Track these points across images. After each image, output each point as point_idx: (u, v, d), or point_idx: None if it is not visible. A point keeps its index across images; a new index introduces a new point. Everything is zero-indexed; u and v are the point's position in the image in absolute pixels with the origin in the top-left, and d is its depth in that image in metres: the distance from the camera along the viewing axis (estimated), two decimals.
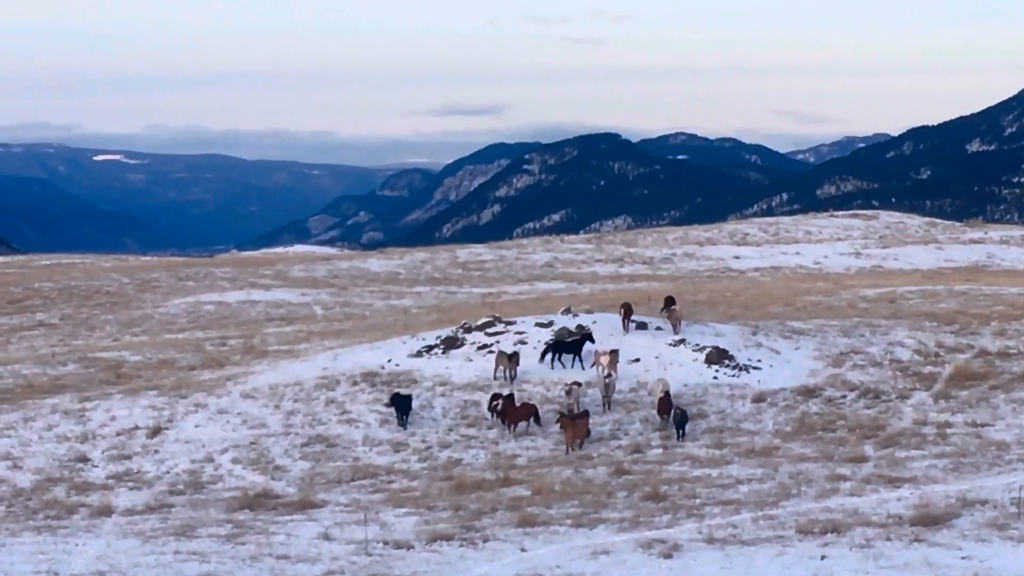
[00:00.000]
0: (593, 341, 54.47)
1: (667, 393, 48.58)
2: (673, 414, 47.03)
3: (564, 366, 53.83)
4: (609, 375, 50.63)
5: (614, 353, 52.05)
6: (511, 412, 47.95)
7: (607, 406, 50.15)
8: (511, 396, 49.06)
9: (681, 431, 46.58)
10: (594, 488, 41.18)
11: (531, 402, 49.39)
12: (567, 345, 54.34)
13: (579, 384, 50.20)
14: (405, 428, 49.01)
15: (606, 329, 56.54)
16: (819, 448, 45.20)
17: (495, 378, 53.02)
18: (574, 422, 46.25)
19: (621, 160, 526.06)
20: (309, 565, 33.29)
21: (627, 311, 57.56)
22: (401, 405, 49.58)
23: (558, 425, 46.64)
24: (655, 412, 48.62)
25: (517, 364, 53.18)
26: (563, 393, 49.99)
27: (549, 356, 54.15)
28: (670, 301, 59.26)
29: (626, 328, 56.96)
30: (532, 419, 48.12)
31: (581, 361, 53.93)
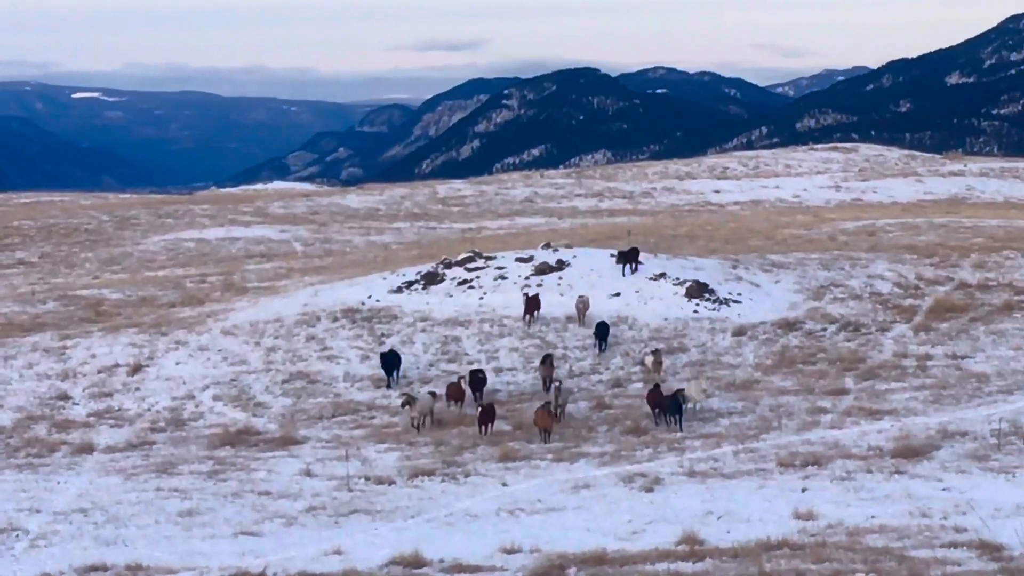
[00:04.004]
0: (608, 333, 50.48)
1: (657, 386, 42.07)
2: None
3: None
4: (559, 382, 43.33)
5: (657, 353, 47.24)
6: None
7: (558, 415, 41.63)
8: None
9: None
10: (575, 422, 41.25)
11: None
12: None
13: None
14: (391, 387, 46.69)
15: (586, 264, 56.47)
16: (800, 381, 45.28)
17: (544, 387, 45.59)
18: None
19: (600, 95, 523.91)
20: (291, 501, 33.33)
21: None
22: (391, 365, 47.41)
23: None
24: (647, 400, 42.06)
25: (554, 369, 46.56)
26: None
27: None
28: (633, 254, 56.39)
29: (525, 320, 52.56)
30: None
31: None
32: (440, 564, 26.82)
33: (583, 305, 51.97)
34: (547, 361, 46.00)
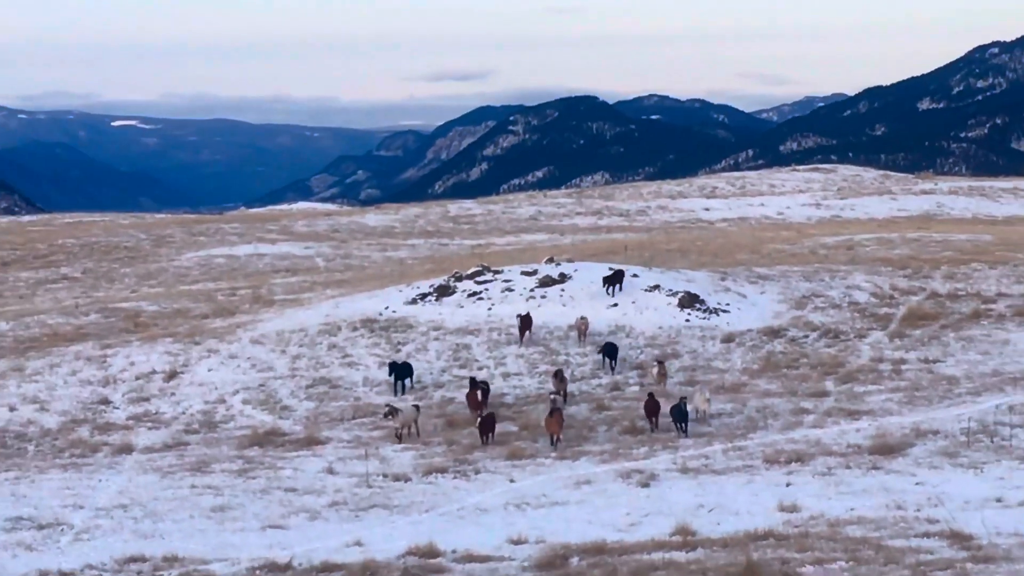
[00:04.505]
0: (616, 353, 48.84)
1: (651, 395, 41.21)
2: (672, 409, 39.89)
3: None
4: (554, 395, 42.69)
5: (662, 364, 46.30)
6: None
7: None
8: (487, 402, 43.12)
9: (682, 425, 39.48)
10: (577, 423, 41.21)
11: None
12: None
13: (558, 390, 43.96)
14: (398, 394, 46.04)
15: (586, 277, 56.44)
16: (784, 384, 45.26)
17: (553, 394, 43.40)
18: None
19: (599, 120, 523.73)
20: (315, 497, 33.34)
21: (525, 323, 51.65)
22: (401, 374, 46.87)
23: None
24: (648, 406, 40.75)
25: (566, 383, 44.72)
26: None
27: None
28: (617, 277, 54.86)
29: (522, 339, 51.10)
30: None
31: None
32: (452, 554, 26.83)
33: (584, 325, 51.10)
34: (559, 375, 44.75)
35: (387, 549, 27.48)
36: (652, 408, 40.19)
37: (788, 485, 32.21)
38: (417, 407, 42.19)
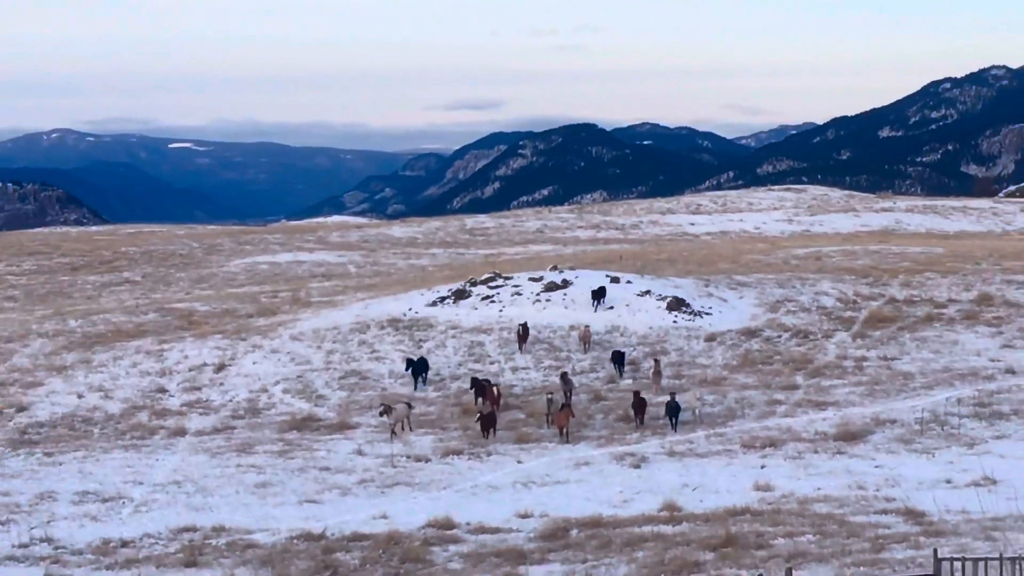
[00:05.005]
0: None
1: (639, 395, 40.15)
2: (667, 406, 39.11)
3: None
4: (551, 394, 40.70)
5: (657, 363, 45.25)
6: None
7: (551, 418, 39.34)
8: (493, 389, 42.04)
9: (674, 420, 38.73)
10: (577, 412, 41.19)
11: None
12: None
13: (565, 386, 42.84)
14: (416, 388, 45.70)
15: (586, 283, 56.37)
16: (759, 378, 45.22)
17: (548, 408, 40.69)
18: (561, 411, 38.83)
19: (598, 145, 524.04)
20: (346, 475, 33.40)
21: (523, 332, 50.82)
22: (419, 369, 46.52)
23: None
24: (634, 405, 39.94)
25: (571, 384, 43.33)
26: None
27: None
28: (601, 292, 54.25)
29: (520, 347, 49.95)
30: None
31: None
32: (467, 526, 26.89)
33: (587, 333, 50.22)
34: (565, 378, 43.49)
35: (409, 521, 27.55)
36: (639, 406, 39.87)
37: (763, 467, 32.23)
38: (410, 405, 41.25)
